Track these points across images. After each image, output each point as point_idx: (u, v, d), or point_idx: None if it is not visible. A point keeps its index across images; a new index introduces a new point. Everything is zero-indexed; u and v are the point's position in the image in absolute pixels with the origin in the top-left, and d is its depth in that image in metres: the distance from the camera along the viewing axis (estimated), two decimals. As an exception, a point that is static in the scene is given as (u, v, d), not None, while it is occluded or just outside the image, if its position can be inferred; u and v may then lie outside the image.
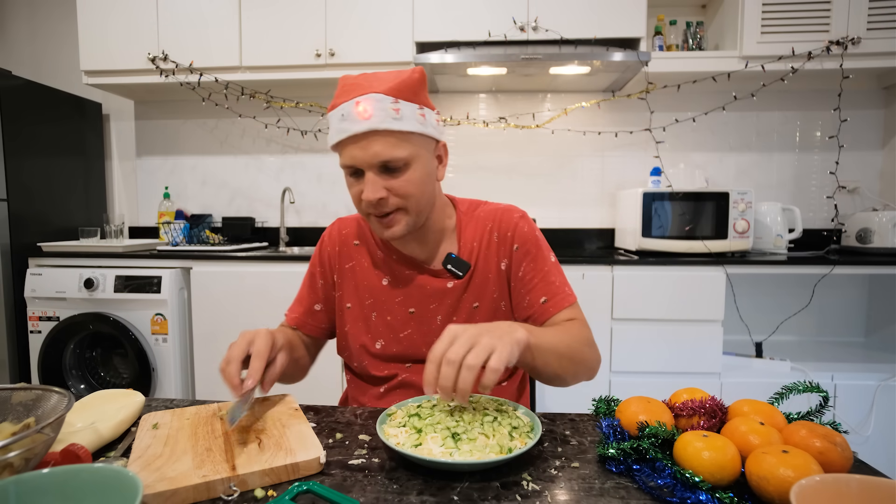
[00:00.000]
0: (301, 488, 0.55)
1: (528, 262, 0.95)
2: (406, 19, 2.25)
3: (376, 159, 0.82)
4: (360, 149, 0.82)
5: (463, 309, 0.95)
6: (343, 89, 0.85)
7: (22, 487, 0.46)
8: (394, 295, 0.97)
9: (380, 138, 0.82)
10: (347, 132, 0.82)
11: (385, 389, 0.97)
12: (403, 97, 0.83)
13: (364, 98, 0.81)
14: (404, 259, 0.97)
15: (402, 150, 0.83)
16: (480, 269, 0.96)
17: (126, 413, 0.74)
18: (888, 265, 1.98)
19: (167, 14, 2.35)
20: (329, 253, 1.02)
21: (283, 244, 2.66)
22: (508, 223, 0.97)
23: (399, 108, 0.82)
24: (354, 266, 1.00)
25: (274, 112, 2.70)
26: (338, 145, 0.85)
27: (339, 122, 0.83)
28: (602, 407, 0.75)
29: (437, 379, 0.64)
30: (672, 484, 0.55)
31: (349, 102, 0.82)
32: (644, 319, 2.03)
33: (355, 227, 1.02)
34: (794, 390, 0.67)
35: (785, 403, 0.69)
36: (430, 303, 0.96)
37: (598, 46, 2.15)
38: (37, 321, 2.18)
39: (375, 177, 0.83)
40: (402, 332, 0.96)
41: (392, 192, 0.84)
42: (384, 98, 0.81)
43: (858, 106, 2.46)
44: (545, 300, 0.92)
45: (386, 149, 0.82)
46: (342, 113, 0.82)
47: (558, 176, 2.64)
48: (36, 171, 2.34)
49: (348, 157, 0.84)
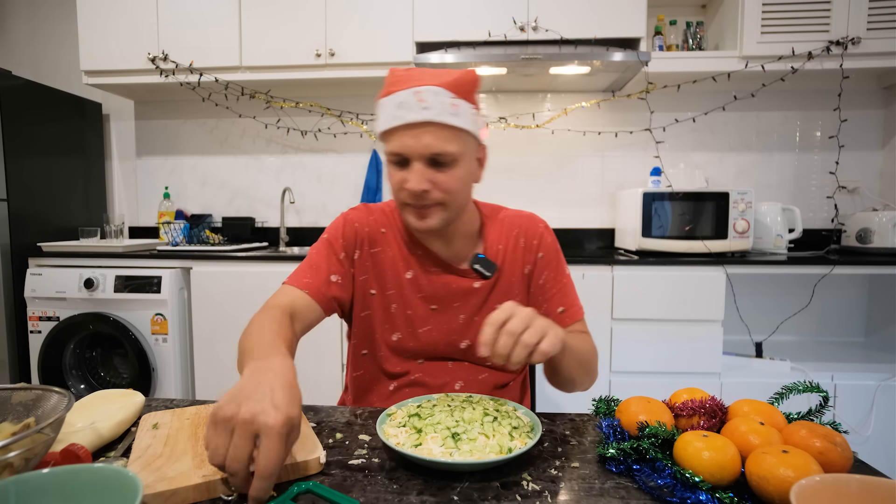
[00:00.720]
0: (301, 488, 0.55)
1: (550, 271, 0.98)
2: (406, 19, 2.25)
3: (428, 150, 0.83)
4: (412, 137, 0.82)
5: (486, 310, 0.95)
6: (397, 79, 0.85)
7: (22, 487, 0.46)
8: (416, 289, 0.96)
9: (434, 130, 0.82)
10: (403, 120, 0.82)
11: (395, 387, 0.96)
12: (460, 94, 0.84)
13: (424, 89, 0.82)
14: (430, 255, 0.97)
15: (454, 145, 0.84)
16: (507, 271, 0.97)
17: (126, 413, 0.74)
18: (888, 265, 1.98)
19: (167, 14, 2.35)
20: (357, 231, 0.97)
21: (283, 244, 2.66)
22: (535, 231, 0.99)
23: (457, 105, 0.83)
24: (380, 253, 0.97)
25: (274, 112, 2.70)
26: (389, 132, 0.85)
27: (394, 108, 0.83)
28: (602, 407, 0.75)
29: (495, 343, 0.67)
30: (672, 484, 0.55)
31: (408, 91, 0.82)
32: (644, 319, 2.03)
33: (382, 216, 1.01)
34: (794, 390, 0.67)
35: (785, 403, 0.69)
36: (453, 301, 0.96)
37: (598, 46, 2.15)
38: (37, 321, 2.18)
39: (423, 168, 0.84)
40: (422, 327, 0.96)
41: (436, 185, 0.85)
42: (443, 92, 0.82)
43: (858, 106, 2.46)
44: (562, 310, 0.96)
45: (438, 141, 0.82)
46: (399, 100, 0.82)
47: (558, 176, 2.64)
48: (36, 171, 2.34)
49: (399, 144, 0.84)
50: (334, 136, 2.71)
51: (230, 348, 2.17)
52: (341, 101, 2.66)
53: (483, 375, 0.96)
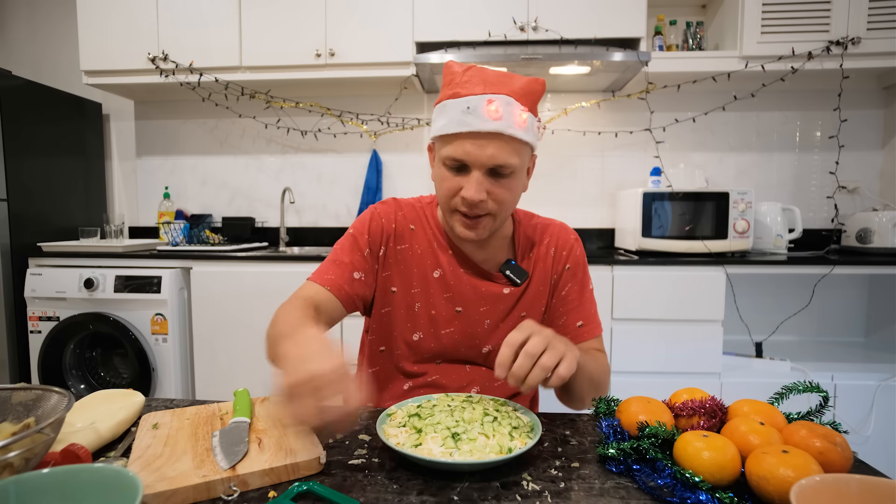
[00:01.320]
0: (301, 488, 0.55)
1: (574, 284, 0.97)
2: (406, 19, 2.25)
3: (492, 161, 0.81)
4: (477, 146, 0.80)
5: (513, 317, 0.95)
6: (464, 80, 0.83)
7: (22, 487, 0.46)
8: (443, 290, 0.95)
9: (500, 142, 0.80)
10: (471, 127, 0.79)
11: (410, 386, 0.95)
12: (528, 104, 0.83)
13: (497, 98, 0.80)
14: (461, 256, 0.95)
15: (515, 157, 0.83)
16: (536, 281, 0.96)
17: (126, 413, 0.74)
18: (888, 265, 1.98)
19: (167, 14, 2.35)
20: (384, 227, 0.95)
21: (283, 244, 2.66)
22: (566, 242, 0.99)
23: (526, 119, 0.82)
24: (407, 249, 0.96)
25: (274, 112, 2.70)
26: (452, 136, 0.82)
27: (462, 113, 0.80)
28: (602, 407, 0.75)
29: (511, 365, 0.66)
30: (672, 484, 0.55)
31: (480, 97, 0.80)
32: (644, 319, 2.03)
33: (411, 212, 0.98)
34: (794, 390, 0.67)
35: (785, 403, 0.69)
36: (480, 305, 0.95)
37: (598, 46, 2.15)
38: (37, 321, 2.18)
39: (481, 177, 0.82)
40: (445, 329, 0.94)
41: (491, 196, 0.84)
42: (515, 103, 0.81)
43: (858, 106, 2.46)
44: (581, 324, 0.96)
45: (502, 153, 0.81)
46: (468, 105, 0.80)
47: (558, 176, 2.64)
48: (36, 171, 2.34)
49: (461, 150, 0.81)
50: (334, 136, 2.71)
51: (230, 348, 2.17)
52: (341, 101, 2.66)
53: (499, 382, 0.95)
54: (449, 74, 0.86)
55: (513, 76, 0.84)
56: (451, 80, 0.85)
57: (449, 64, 0.88)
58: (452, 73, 0.86)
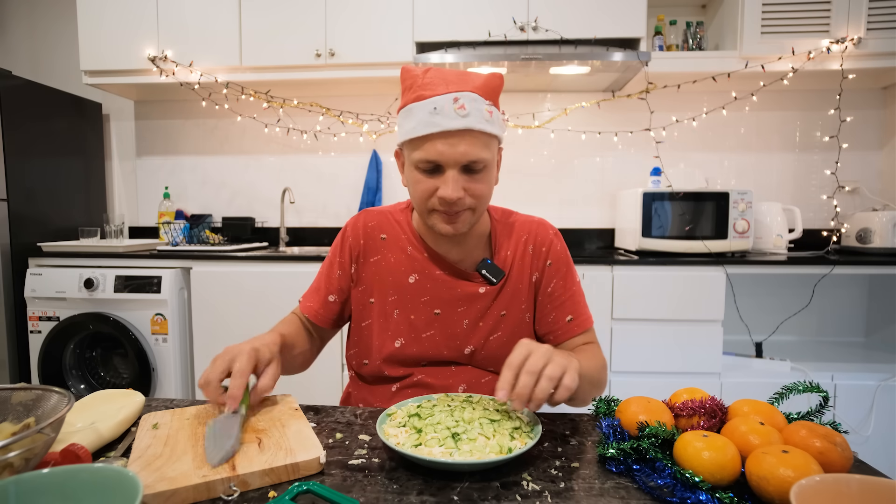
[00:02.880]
0: (301, 488, 0.55)
1: (559, 279, 0.97)
2: (406, 19, 2.25)
3: (465, 158, 0.82)
4: (449, 146, 0.81)
5: (491, 316, 0.95)
6: (425, 82, 0.83)
7: (22, 487, 0.46)
8: (420, 294, 0.95)
9: (470, 138, 0.81)
10: (440, 127, 0.80)
11: (397, 388, 0.96)
12: (491, 99, 0.84)
13: (462, 95, 0.80)
14: (436, 258, 0.96)
15: (487, 152, 0.83)
16: (513, 278, 0.96)
17: (126, 413, 0.74)
18: (888, 265, 1.98)
19: (167, 14, 2.35)
20: (351, 245, 0.98)
21: (283, 244, 2.66)
22: (544, 238, 0.98)
23: (492, 111, 0.83)
24: (380, 260, 0.97)
25: (274, 112, 2.70)
26: (422, 138, 0.82)
27: (430, 114, 0.80)
28: (602, 407, 0.75)
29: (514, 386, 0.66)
30: (672, 484, 0.55)
31: (445, 97, 0.80)
32: (644, 319, 2.03)
33: (382, 221, 1.00)
34: (794, 390, 0.67)
35: (785, 403, 0.69)
36: (458, 306, 0.95)
37: (598, 46, 2.15)
38: (37, 321, 2.18)
39: (457, 175, 0.83)
40: (425, 332, 0.95)
41: (468, 192, 0.84)
42: (479, 99, 0.82)
43: (858, 106, 2.46)
44: (570, 319, 0.96)
45: (474, 149, 0.81)
46: (435, 106, 0.80)
47: (558, 176, 2.64)
48: (36, 171, 2.34)
49: (433, 151, 0.82)
50: (334, 136, 2.71)
51: (230, 348, 2.17)
52: (341, 101, 2.66)
53: (486, 379, 0.96)
54: (409, 78, 0.86)
55: (471, 73, 0.85)
56: (411, 84, 0.85)
57: (405, 68, 0.88)
58: (412, 77, 0.86)
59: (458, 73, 0.85)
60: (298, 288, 1.07)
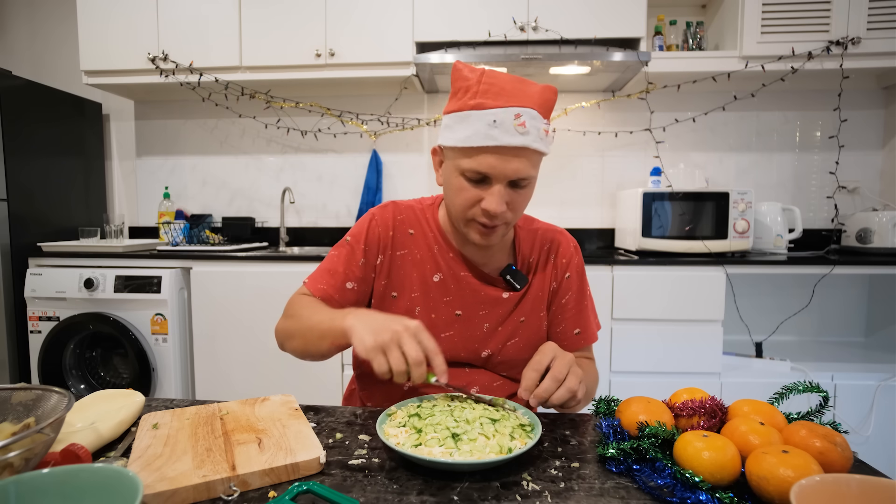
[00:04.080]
0: (301, 488, 0.55)
1: (573, 293, 0.99)
2: (406, 19, 2.25)
3: (515, 175, 0.81)
4: (501, 161, 0.80)
5: (511, 322, 0.95)
6: (485, 88, 0.81)
7: (22, 487, 0.46)
8: (443, 293, 0.95)
9: (523, 155, 0.80)
10: (498, 141, 0.78)
11: (410, 387, 0.95)
12: (547, 116, 0.84)
13: (524, 112, 0.79)
14: (461, 259, 0.95)
15: (535, 169, 0.84)
16: (535, 286, 0.97)
17: (126, 413, 0.74)
18: (888, 265, 1.98)
19: (167, 14, 2.35)
20: (380, 234, 0.95)
21: (283, 244, 2.66)
22: (566, 251, 0.99)
23: (547, 130, 0.82)
24: (406, 255, 0.95)
25: (274, 112, 2.70)
26: (475, 149, 0.81)
27: (488, 126, 0.79)
28: (602, 407, 0.75)
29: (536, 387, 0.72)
30: (672, 484, 0.55)
31: (507, 111, 0.79)
32: (644, 319, 2.03)
33: (411, 216, 0.98)
34: (794, 390, 0.67)
35: (785, 403, 0.69)
36: (480, 309, 0.95)
37: (598, 46, 2.15)
38: (37, 321, 2.18)
39: (504, 189, 0.82)
40: (445, 332, 0.94)
41: (510, 206, 0.84)
42: (538, 116, 0.81)
43: (858, 106, 2.46)
44: (578, 332, 0.98)
45: (525, 167, 0.81)
46: (495, 119, 0.79)
47: (558, 176, 2.64)
48: (36, 171, 2.34)
49: (485, 164, 0.80)
50: (334, 136, 2.71)
51: (230, 348, 2.17)
52: (341, 101, 2.66)
53: (498, 383, 0.95)
54: (462, 80, 0.84)
55: (526, 83, 0.83)
56: (467, 87, 0.83)
57: (458, 67, 0.85)
58: (466, 80, 0.83)
59: (515, 83, 0.82)
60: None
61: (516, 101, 0.80)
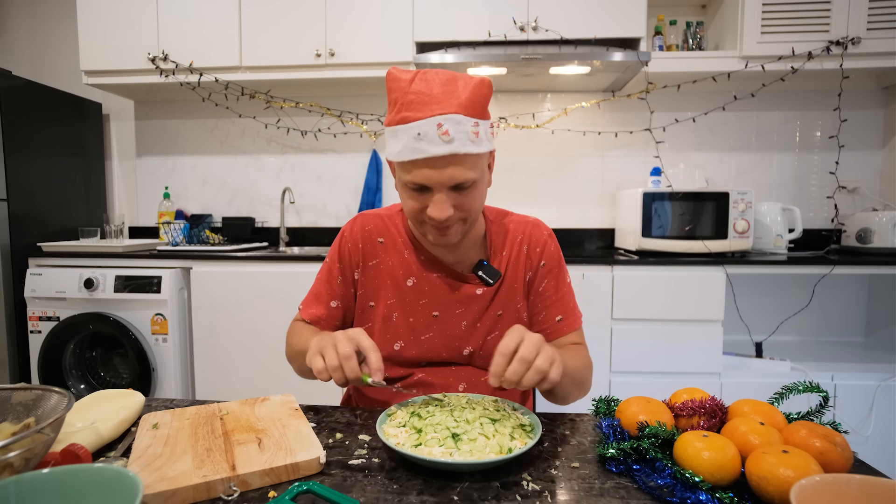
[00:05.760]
0: (301, 488, 0.55)
1: (551, 280, 0.98)
2: (406, 19, 2.25)
3: (451, 181, 0.81)
4: (435, 171, 0.80)
5: (488, 316, 0.96)
6: (412, 98, 0.80)
7: (22, 487, 0.46)
8: (418, 296, 0.96)
9: (455, 162, 0.80)
10: (425, 153, 0.78)
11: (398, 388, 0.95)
12: (478, 115, 0.81)
13: (446, 119, 0.78)
14: (432, 261, 0.97)
15: (476, 170, 0.83)
16: (509, 279, 0.97)
17: (126, 413, 0.74)
18: (888, 265, 1.98)
19: (167, 14, 2.35)
20: (350, 250, 0.99)
21: (283, 244, 2.66)
22: (539, 239, 0.99)
23: (478, 131, 0.81)
24: (378, 264, 0.98)
25: (274, 112, 2.70)
26: (409, 163, 0.81)
27: (413, 140, 0.78)
28: (602, 407, 0.76)
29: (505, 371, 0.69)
30: (672, 484, 0.55)
31: (429, 121, 0.78)
32: (644, 319, 2.02)
33: (379, 225, 1.00)
34: (794, 390, 0.67)
35: (785, 403, 0.69)
36: (456, 307, 0.95)
37: (598, 46, 2.15)
38: (37, 321, 2.18)
39: (446, 195, 0.82)
40: (424, 334, 0.95)
41: (457, 208, 0.84)
42: (465, 120, 0.79)
43: (858, 106, 2.46)
44: (560, 319, 0.97)
45: (462, 172, 0.81)
46: (419, 132, 0.78)
47: (558, 176, 2.64)
48: (36, 171, 2.34)
49: (420, 176, 0.81)
50: (334, 136, 2.71)
51: (230, 348, 2.17)
52: (341, 101, 2.66)
53: (484, 378, 0.96)
54: (395, 89, 0.82)
55: (455, 83, 0.81)
56: (395, 100, 0.82)
57: (391, 73, 0.83)
58: (394, 91, 0.82)
59: (444, 86, 0.80)
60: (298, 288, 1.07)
61: (440, 108, 0.78)
